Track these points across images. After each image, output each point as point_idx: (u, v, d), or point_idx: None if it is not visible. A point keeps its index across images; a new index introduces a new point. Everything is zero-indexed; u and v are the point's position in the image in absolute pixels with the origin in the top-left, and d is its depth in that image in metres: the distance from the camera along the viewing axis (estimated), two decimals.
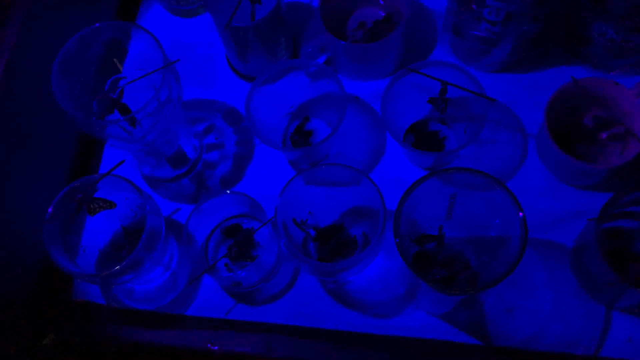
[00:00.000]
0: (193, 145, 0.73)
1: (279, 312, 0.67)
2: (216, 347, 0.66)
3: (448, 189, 0.60)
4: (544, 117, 0.63)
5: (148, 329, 0.68)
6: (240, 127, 0.75)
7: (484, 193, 0.58)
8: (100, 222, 0.66)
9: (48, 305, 0.69)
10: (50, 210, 0.58)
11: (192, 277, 0.69)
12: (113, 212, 0.65)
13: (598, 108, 0.66)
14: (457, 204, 0.61)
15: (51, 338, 0.70)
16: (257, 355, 0.65)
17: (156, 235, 0.63)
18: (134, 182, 0.60)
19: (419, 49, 0.76)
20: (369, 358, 0.65)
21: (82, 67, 0.59)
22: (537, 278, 0.65)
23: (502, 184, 0.53)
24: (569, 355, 0.62)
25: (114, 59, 0.59)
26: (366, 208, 0.67)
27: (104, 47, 0.60)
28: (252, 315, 0.67)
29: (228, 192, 0.64)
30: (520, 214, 0.52)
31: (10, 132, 0.64)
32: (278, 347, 0.66)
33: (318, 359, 0.65)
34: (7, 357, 0.68)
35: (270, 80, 0.69)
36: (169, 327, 0.68)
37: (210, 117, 0.76)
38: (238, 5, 0.65)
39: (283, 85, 0.70)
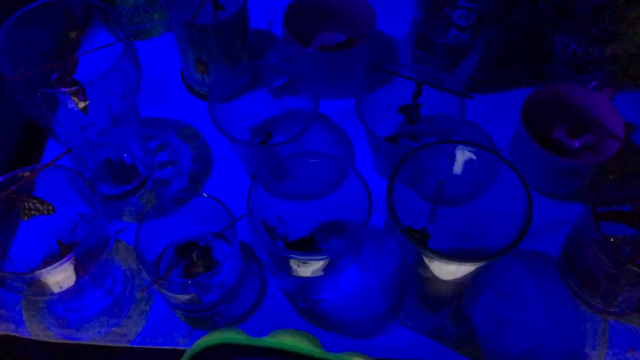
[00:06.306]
0: (143, 161, 0.66)
1: None
2: None
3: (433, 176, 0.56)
4: (520, 118, 0.62)
5: None
6: (195, 144, 0.69)
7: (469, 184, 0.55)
8: (33, 232, 0.57)
9: None
10: None
11: (138, 303, 0.59)
12: (49, 222, 0.56)
13: (569, 116, 0.65)
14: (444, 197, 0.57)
15: None
16: None
17: (101, 245, 0.54)
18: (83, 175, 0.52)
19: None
20: None
21: (30, 45, 0.53)
22: (526, 289, 0.60)
23: (502, 158, 0.50)
24: None
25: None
26: (339, 222, 0.62)
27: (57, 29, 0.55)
28: None
29: (189, 195, 0.57)
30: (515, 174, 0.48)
31: None
32: None
33: None
34: None
35: (232, 88, 0.65)
36: None
37: (164, 135, 0.70)
38: (202, 4, 0.62)
39: (245, 99, 0.66)
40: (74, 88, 0.49)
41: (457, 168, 0.53)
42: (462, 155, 0.51)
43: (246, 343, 0.43)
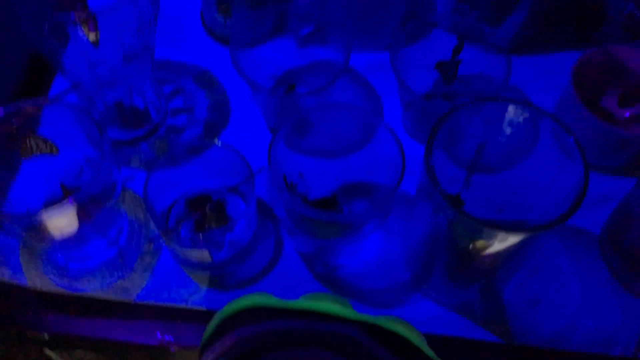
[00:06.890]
0: (157, 107, 0.62)
1: None
2: (171, 339, 0.51)
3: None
4: (570, 81, 0.56)
5: (84, 318, 0.53)
6: (213, 91, 0.64)
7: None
8: (35, 174, 0.53)
9: None
10: None
11: (144, 257, 0.55)
12: (53, 164, 0.52)
13: (622, 83, 0.60)
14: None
15: None
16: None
17: (107, 191, 0.50)
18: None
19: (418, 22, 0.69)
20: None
21: None
22: (563, 267, 0.56)
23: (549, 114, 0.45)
24: (605, 357, 0.52)
25: None
26: (365, 183, 0.57)
27: None
28: (220, 303, 0.53)
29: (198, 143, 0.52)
30: (572, 138, 0.43)
31: None
32: None
33: None
34: None
35: (256, 33, 0.60)
36: (111, 316, 0.53)
37: (179, 80, 0.65)
38: None
39: (269, 46, 0.61)
40: (83, 14, 0.44)
41: (501, 131, 0.49)
42: (510, 116, 0.46)
43: (277, 305, 0.40)
